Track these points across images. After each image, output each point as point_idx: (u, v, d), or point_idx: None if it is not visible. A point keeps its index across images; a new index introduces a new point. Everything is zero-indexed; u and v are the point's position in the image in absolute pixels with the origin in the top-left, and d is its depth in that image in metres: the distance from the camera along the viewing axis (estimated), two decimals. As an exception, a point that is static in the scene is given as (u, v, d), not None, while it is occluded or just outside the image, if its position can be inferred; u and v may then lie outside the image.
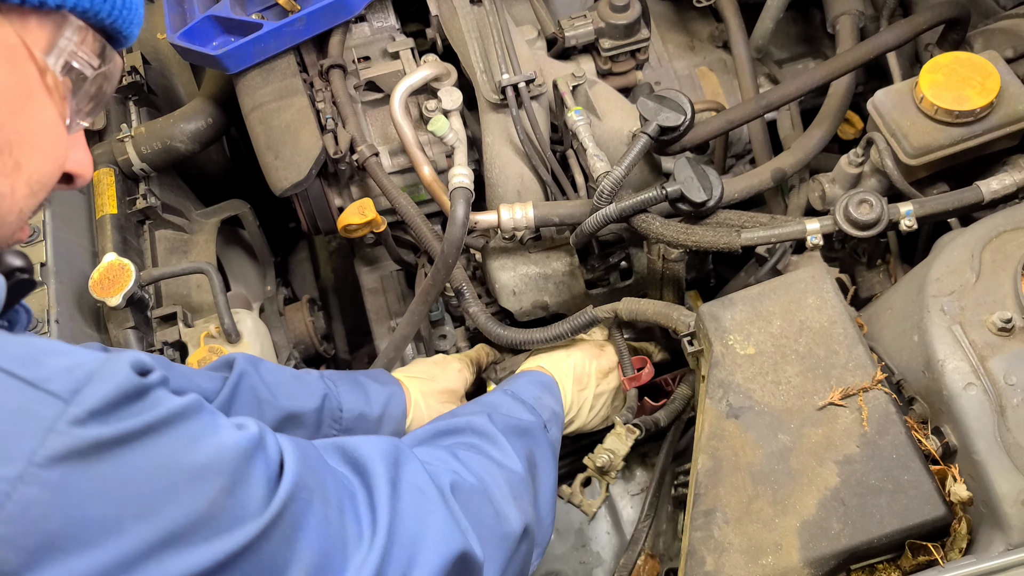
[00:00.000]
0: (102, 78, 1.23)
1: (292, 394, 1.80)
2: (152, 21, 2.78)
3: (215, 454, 1.07)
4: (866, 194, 1.86)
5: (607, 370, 2.05)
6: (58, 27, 1.13)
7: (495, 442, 1.60)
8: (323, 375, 1.91)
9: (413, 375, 2.07)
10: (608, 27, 2.34)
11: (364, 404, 1.89)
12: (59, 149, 1.18)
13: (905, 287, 1.77)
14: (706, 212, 1.99)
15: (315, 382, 1.86)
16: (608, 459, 1.87)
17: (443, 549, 1.29)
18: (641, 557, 2.00)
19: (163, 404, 1.04)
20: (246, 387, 1.74)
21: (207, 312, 2.24)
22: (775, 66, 2.66)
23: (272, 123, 2.23)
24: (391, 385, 1.98)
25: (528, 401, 1.82)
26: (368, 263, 2.61)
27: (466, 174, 2.06)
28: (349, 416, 1.86)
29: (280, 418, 1.76)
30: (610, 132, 2.21)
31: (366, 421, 1.89)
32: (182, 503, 1.01)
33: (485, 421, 1.63)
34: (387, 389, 1.96)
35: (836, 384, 1.61)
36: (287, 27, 2.24)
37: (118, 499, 0.97)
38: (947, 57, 1.95)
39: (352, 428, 1.86)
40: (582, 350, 2.05)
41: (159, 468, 1.01)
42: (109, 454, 0.97)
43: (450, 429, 1.62)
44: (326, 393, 1.84)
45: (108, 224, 2.24)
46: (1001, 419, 1.49)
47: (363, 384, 1.93)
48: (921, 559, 1.49)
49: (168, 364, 1.72)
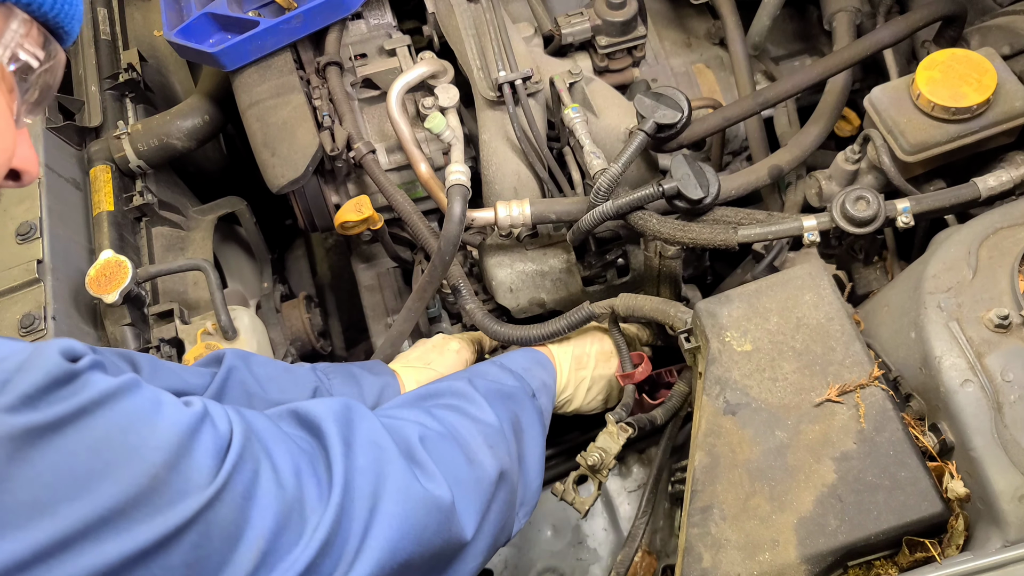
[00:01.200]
0: (47, 73, 1.24)
1: (283, 388, 1.78)
2: (149, 18, 2.78)
3: (154, 431, 1.08)
4: (863, 191, 1.86)
5: (609, 353, 2.05)
6: (4, 20, 1.15)
7: (472, 401, 1.61)
8: (315, 368, 1.89)
9: (409, 364, 2.05)
10: (605, 24, 2.34)
11: (356, 395, 1.86)
12: (7, 143, 1.20)
13: (902, 284, 1.78)
14: (703, 209, 1.99)
15: (306, 375, 1.84)
16: (600, 457, 1.87)
17: (403, 498, 1.31)
18: (638, 554, 2.00)
19: (94, 387, 1.05)
20: (235, 382, 1.73)
21: (204, 309, 2.24)
22: (772, 63, 2.66)
23: (269, 120, 2.23)
24: (385, 375, 1.96)
25: (516, 370, 1.82)
26: (365, 260, 2.61)
27: (463, 171, 2.06)
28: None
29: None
30: (607, 129, 2.21)
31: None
32: (119, 482, 1.02)
33: (465, 384, 1.65)
34: (381, 380, 1.93)
35: (833, 381, 1.61)
36: (284, 24, 2.24)
37: (50, 482, 0.98)
38: (944, 54, 1.96)
39: None
40: (582, 334, 2.06)
41: (92, 449, 1.02)
42: (41, 440, 0.98)
43: (430, 393, 1.64)
44: (317, 386, 1.82)
45: (105, 221, 2.24)
46: (998, 415, 1.49)
47: (356, 376, 1.91)
48: (918, 556, 1.49)
49: (156, 363, 1.71)
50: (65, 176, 2.29)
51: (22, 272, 2.03)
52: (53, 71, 1.26)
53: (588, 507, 1.90)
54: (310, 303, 2.65)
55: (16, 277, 2.03)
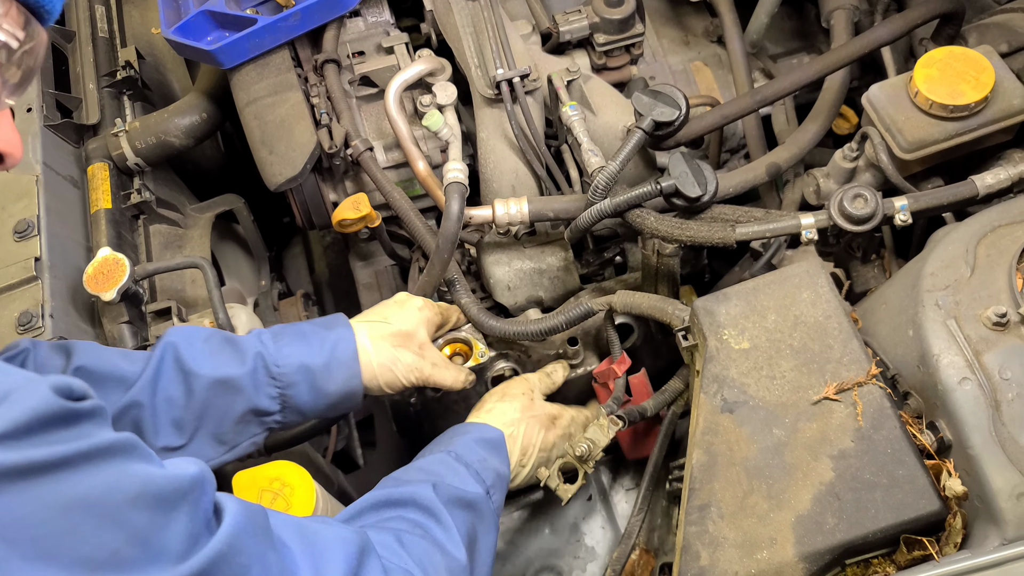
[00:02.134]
0: (27, 54, 1.22)
1: (220, 361, 1.74)
2: (147, 16, 2.78)
3: (131, 499, 1.01)
4: (861, 188, 1.86)
5: (551, 445, 1.99)
6: None
7: (439, 520, 1.55)
8: (261, 332, 1.85)
9: (366, 319, 1.98)
10: (603, 22, 2.34)
11: (306, 354, 1.81)
12: None
13: (900, 282, 1.78)
14: (701, 207, 1.99)
15: (248, 342, 1.80)
16: (587, 448, 1.87)
17: None
18: (636, 552, 2.00)
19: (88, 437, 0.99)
20: (170, 361, 1.71)
21: (201, 307, 2.23)
22: (770, 61, 2.66)
23: (267, 118, 2.23)
24: (339, 329, 1.89)
25: (473, 465, 1.75)
26: (362, 258, 2.60)
27: (461, 169, 2.06)
28: (289, 370, 1.79)
29: (209, 386, 1.71)
30: (604, 127, 2.21)
31: (310, 372, 1.80)
32: (79, 550, 0.96)
33: (430, 493, 1.58)
34: (333, 334, 1.87)
35: (831, 379, 1.61)
36: (282, 22, 2.24)
37: (8, 537, 0.91)
38: (942, 52, 1.96)
39: (296, 382, 1.79)
40: (536, 418, 1.98)
41: (63, 509, 0.95)
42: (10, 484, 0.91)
43: (394, 500, 1.57)
44: (258, 351, 1.77)
45: (102, 219, 2.24)
46: (996, 414, 1.49)
47: (307, 334, 1.86)
48: (916, 554, 1.49)
49: (92, 348, 1.69)
50: (63, 174, 2.28)
51: (20, 270, 2.03)
52: (34, 52, 1.24)
53: (571, 495, 1.90)
54: (308, 301, 2.65)
55: (14, 275, 2.03)
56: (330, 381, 1.83)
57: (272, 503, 1.71)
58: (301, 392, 1.80)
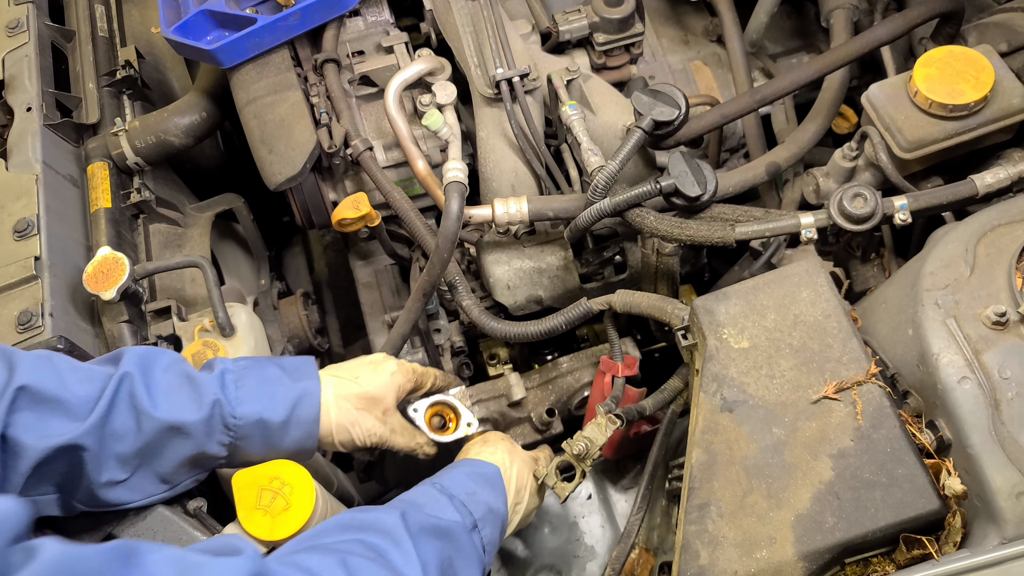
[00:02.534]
0: None
1: (176, 404, 1.64)
2: (146, 15, 2.78)
3: None
4: (860, 188, 1.86)
5: (534, 488, 1.95)
6: None
7: (399, 545, 1.49)
8: (226, 373, 1.74)
9: (336, 373, 1.91)
10: (602, 21, 2.34)
11: (266, 407, 1.73)
12: None
13: (899, 281, 1.78)
14: (700, 206, 1.99)
15: (209, 385, 1.70)
16: (585, 447, 1.87)
17: None
18: (635, 551, 2.00)
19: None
20: (124, 396, 1.60)
21: (201, 306, 2.23)
22: (769, 60, 2.66)
23: (266, 117, 2.23)
24: (306, 381, 1.81)
25: (458, 496, 1.69)
26: (362, 257, 2.61)
27: (460, 168, 2.06)
28: (245, 423, 1.70)
29: (159, 430, 1.61)
30: (604, 126, 2.21)
31: (267, 427, 1.73)
32: None
33: (396, 520, 1.53)
34: (299, 387, 1.79)
35: (830, 378, 1.61)
36: (281, 22, 2.24)
37: None
38: (941, 51, 1.96)
39: (249, 435, 1.71)
40: (523, 460, 1.94)
41: None
42: None
43: (356, 523, 1.53)
44: (216, 399, 1.67)
45: (102, 218, 2.23)
46: (995, 413, 1.49)
47: (272, 382, 1.77)
48: (915, 553, 1.49)
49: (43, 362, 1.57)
50: (62, 173, 2.28)
51: (19, 269, 2.03)
52: None
53: (568, 493, 1.89)
54: (307, 300, 2.65)
55: (13, 274, 2.03)
56: (285, 438, 1.77)
57: (272, 502, 1.71)
58: (253, 444, 1.74)
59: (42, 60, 2.42)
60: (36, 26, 2.47)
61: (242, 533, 1.70)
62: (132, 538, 1.68)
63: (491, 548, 1.73)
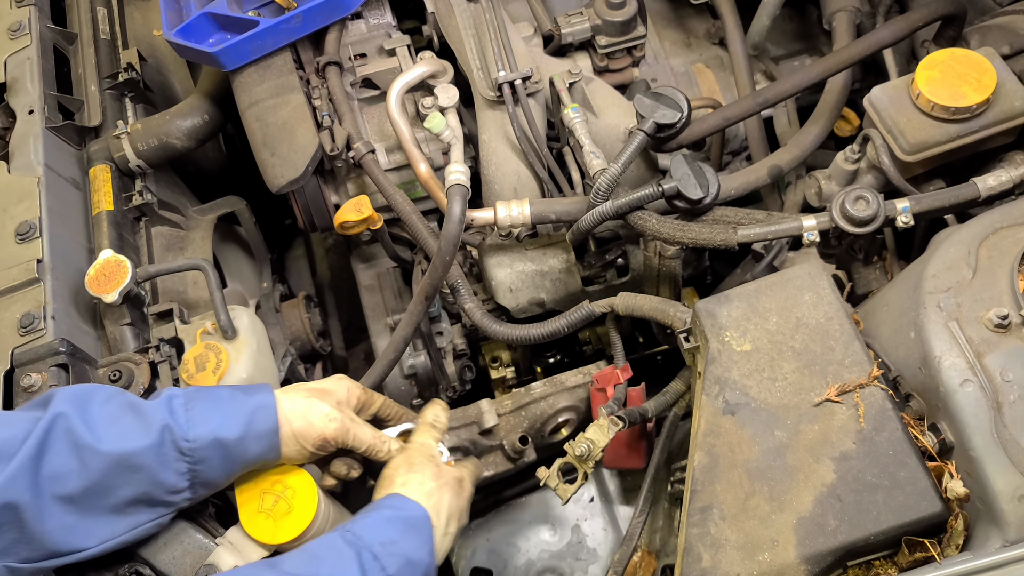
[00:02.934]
0: None
1: (121, 434, 1.55)
2: (149, 18, 2.78)
3: None
4: (862, 191, 1.86)
5: (461, 511, 1.84)
6: None
7: None
8: (173, 398, 1.64)
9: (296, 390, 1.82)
10: (604, 24, 2.34)
11: (220, 425, 1.62)
12: None
13: (901, 283, 1.78)
14: (703, 209, 1.99)
15: (155, 411, 1.60)
16: (587, 448, 1.86)
17: None
18: (637, 553, 2.00)
19: None
20: (60, 432, 1.51)
21: (203, 309, 2.23)
22: (771, 63, 2.66)
23: (269, 120, 2.23)
24: (259, 395, 1.72)
25: (372, 547, 1.57)
26: (364, 260, 2.60)
27: (462, 171, 2.06)
28: (200, 444, 1.60)
29: (107, 465, 1.52)
30: (606, 129, 2.21)
31: (224, 446, 1.62)
32: None
33: None
34: (253, 401, 1.69)
35: (832, 380, 1.61)
36: (283, 24, 2.24)
37: None
38: (943, 54, 1.96)
39: (207, 457, 1.61)
40: (448, 485, 1.81)
41: None
42: None
43: None
44: (166, 424, 1.58)
45: (104, 221, 2.24)
46: (998, 415, 1.49)
47: (224, 400, 1.67)
48: (918, 555, 1.49)
49: None
50: (64, 176, 2.28)
51: (22, 272, 2.03)
52: None
53: (570, 495, 1.89)
54: (309, 303, 2.65)
55: (15, 277, 2.03)
56: (246, 454, 1.67)
57: (274, 506, 1.71)
58: (213, 467, 1.63)
59: (44, 62, 2.42)
60: (38, 28, 2.47)
61: (245, 537, 1.70)
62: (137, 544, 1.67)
63: None
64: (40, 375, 1.88)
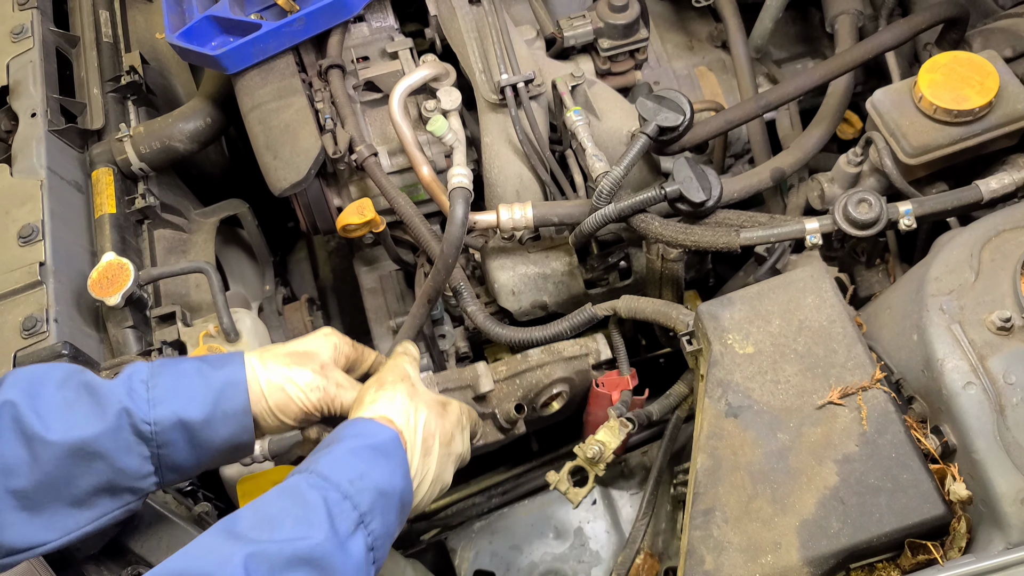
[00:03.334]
0: None
1: (73, 422, 1.43)
2: (151, 21, 2.79)
3: None
4: (865, 193, 1.86)
5: (450, 435, 1.67)
6: None
7: None
8: (133, 374, 1.52)
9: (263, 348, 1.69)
10: (607, 27, 2.34)
11: (184, 406, 1.49)
12: None
13: (904, 286, 1.78)
14: (705, 212, 1.99)
15: (113, 392, 1.48)
16: (599, 450, 1.86)
17: None
18: (640, 556, 2.00)
19: None
20: (8, 422, 1.41)
21: (206, 311, 2.24)
22: (774, 66, 2.66)
23: (271, 123, 2.23)
24: (228, 368, 1.58)
25: (340, 484, 1.40)
26: (367, 263, 2.60)
27: (465, 174, 2.06)
28: (162, 426, 1.48)
29: (61, 456, 1.42)
30: (609, 132, 2.21)
31: (189, 429, 1.50)
32: None
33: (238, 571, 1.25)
34: (220, 376, 1.55)
35: (835, 383, 1.61)
36: (286, 27, 2.24)
37: None
38: (946, 56, 1.96)
39: (171, 440, 1.49)
40: (426, 404, 1.64)
41: None
42: None
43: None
44: (124, 407, 1.46)
45: (107, 223, 2.24)
46: (1000, 418, 1.49)
47: (188, 375, 1.53)
48: (920, 558, 1.49)
49: None
50: (67, 179, 2.29)
51: (24, 275, 2.04)
52: None
53: (582, 498, 1.89)
54: (312, 305, 2.65)
55: (18, 280, 2.03)
56: (215, 437, 1.53)
57: None
58: (178, 451, 1.51)
59: (47, 66, 2.42)
60: (41, 32, 2.47)
61: None
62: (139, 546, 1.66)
63: (385, 539, 1.44)
64: (43, 378, 1.88)
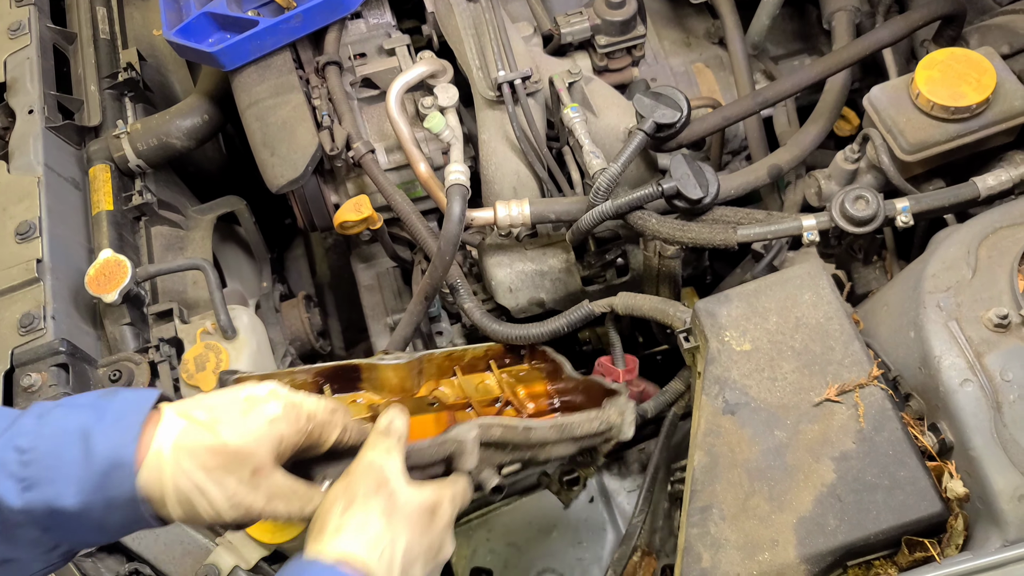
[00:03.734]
0: None
1: None
2: (148, 18, 2.78)
3: None
4: (862, 190, 1.86)
5: (437, 547, 1.40)
6: None
7: None
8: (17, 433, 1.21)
9: (187, 413, 1.29)
10: (604, 24, 2.34)
11: (57, 493, 1.19)
12: None
13: (901, 283, 1.78)
14: (702, 209, 1.99)
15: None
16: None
17: None
18: (637, 553, 2.00)
19: None
20: None
21: (203, 308, 2.23)
22: (771, 62, 2.66)
23: (268, 120, 2.23)
24: (125, 434, 1.22)
25: None
26: (364, 260, 2.60)
27: (462, 171, 2.06)
28: (35, 515, 1.19)
29: None
30: (606, 129, 2.21)
31: (61, 515, 1.20)
32: None
33: None
34: (106, 449, 1.21)
35: (832, 380, 1.61)
36: (283, 24, 2.24)
37: None
38: (943, 53, 1.96)
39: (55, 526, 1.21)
40: (407, 520, 1.34)
41: None
42: None
43: None
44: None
45: (104, 220, 2.24)
46: (997, 415, 1.49)
47: (69, 446, 1.21)
48: (918, 555, 1.49)
49: None
50: (64, 175, 2.28)
51: (21, 271, 2.03)
52: None
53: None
54: (309, 303, 2.65)
55: (15, 276, 2.03)
56: (104, 521, 1.24)
57: None
58: (69, 534, 1.24)
59: (44, 62, 2.42)
60: (38, 28, 2.47)
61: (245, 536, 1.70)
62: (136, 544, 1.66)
63: None
64: (40, 375, 1.89)
